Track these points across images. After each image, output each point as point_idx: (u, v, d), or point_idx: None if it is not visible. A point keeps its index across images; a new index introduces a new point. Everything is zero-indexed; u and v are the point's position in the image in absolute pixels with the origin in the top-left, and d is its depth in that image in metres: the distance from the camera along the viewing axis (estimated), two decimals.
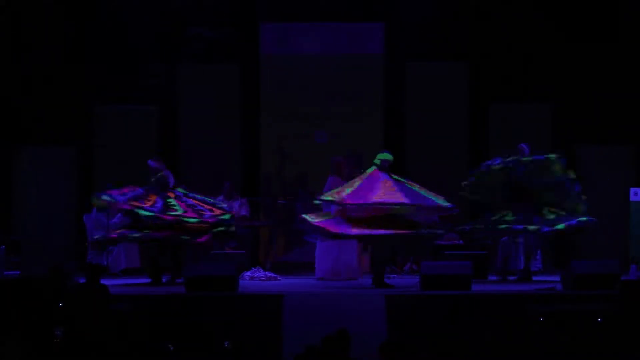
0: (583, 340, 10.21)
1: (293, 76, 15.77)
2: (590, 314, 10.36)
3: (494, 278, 13.19)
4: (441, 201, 12.12)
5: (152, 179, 13.01)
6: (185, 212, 12.56)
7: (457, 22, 15.69)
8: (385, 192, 11.91)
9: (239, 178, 15.47)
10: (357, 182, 12.13)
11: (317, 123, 15.75)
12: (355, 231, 11.82)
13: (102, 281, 9.95)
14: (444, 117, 15.49)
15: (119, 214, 13.47)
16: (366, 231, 11.80)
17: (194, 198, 12.92)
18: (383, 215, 11.84)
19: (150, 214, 12.44)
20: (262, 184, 15.74)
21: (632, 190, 14.06)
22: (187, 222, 12.47)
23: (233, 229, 12.94)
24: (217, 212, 12.79)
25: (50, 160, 15.13)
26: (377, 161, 12.25)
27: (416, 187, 12.23)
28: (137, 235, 12.61)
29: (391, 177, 12.18)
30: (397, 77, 15.75)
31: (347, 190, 12.03)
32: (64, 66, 15.52)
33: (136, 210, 12.49)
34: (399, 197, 11.85)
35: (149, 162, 13.12)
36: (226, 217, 12.81)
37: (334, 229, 11.89)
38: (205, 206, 12.84)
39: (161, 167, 13.09)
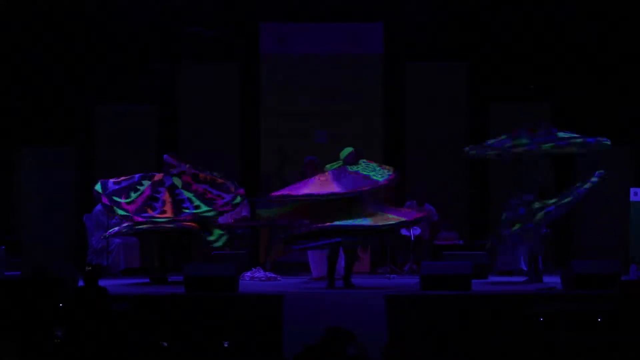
0: (583, 340, 10.20)
1: (293, 76, 15.75)
2: (590, 313, 10.35)
3: (494, 278, 13.21)
4: (380, 177, 12.04)
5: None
6: (163, 212, 12.53)
7: (457, 22, 15.68)
8: (318, 185, 11.95)
9: (239, 178, 15.45)
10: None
11: (317, 123, 15.74)
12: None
13: (102, 281, 9.94)
14: (444, 117, 15.47)
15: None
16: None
17: (195, 191, 12.90)
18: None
19: (125, 213, 12.48)
20: (262, 184, 15.73)
21: (632, 190, 14.06)
22: (158, 222, 12.46)
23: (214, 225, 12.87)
24: (205, 208, 12.73)
25: (50, 160, 15.11)
26: (340, 161, 12.29)
27: (366, 170, 12.19)
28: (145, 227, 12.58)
29: (345, 169, 12.14)
30: (397, 77, 15.74)
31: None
32: (64, 66, 15.52)
33: (114, 207, 12.53)
34: (331, 188, 11.88)
35: (165, 156, 13.14)
36: (210, 214, 12.71)
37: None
38: (208, 195, 12.85)
39: (176, 163, 13.10)
